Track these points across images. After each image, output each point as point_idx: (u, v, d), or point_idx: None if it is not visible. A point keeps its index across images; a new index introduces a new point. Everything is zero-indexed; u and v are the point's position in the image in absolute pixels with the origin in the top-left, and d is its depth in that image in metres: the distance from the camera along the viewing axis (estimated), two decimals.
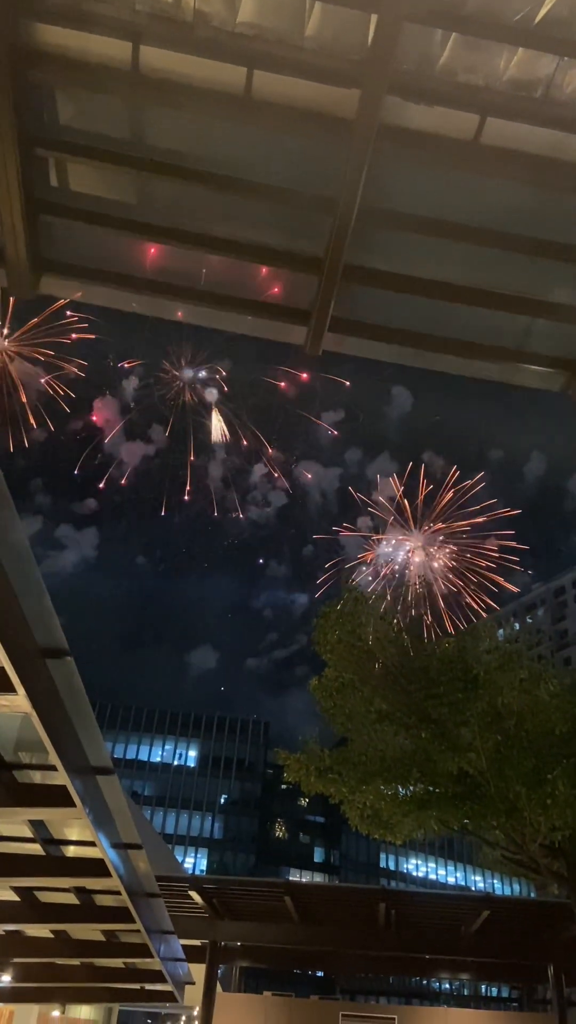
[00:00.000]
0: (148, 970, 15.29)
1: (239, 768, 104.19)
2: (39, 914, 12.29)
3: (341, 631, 18.16)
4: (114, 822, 8.95)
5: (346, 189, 5.57)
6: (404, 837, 17.80)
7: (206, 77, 5.38)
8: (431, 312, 6.65)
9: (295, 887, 20.66)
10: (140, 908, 11.34)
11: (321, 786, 17.80)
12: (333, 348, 6.57)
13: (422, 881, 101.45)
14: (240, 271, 6.51)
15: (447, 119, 5.43)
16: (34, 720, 6.12)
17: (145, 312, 6.80)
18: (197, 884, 19.81)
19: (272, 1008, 22.73)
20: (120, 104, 5.75)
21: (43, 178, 6.05)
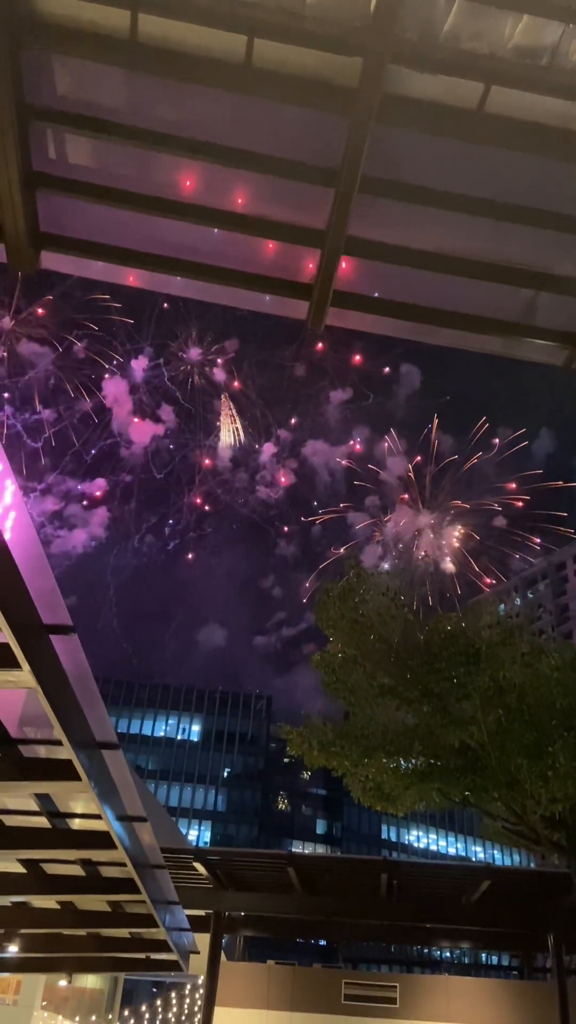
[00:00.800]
0: (153, 940, 15.49)
1: (242, 742, 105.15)
2: (45, 885, 12.43)
3: (343, 607, 18.24)
4: (119, 795, 9.03)
5: (348, 160, 5.51)
6: (406, 809, 17.98)
7: (206, 46, 5.29)
8: (434, 285, 6.59)
9: (298, 858, 20.88)
10: (145, 879, 11.48)
11: (324, 760, 17.96)
12: (336, 323, 6.52)
13: (423, 852, 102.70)
14: (242, 245, 6.45)
15: (451, 88, 5.35)
16: (39, 695, 6.15)
17: (146, 286, 6.75)
18: (201, 856, 20.03)
19: (275, 976, 23.05)
20: (119, 75, 5.65)
21: (42, 151, 5.98)
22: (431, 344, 7.64)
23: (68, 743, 6.89)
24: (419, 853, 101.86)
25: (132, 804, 9.41)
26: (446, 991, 22.92)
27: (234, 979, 22.26)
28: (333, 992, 22.47)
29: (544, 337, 6.66)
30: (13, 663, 5.69)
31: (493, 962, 52.01)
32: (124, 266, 6.53)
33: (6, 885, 12.44)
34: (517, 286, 6.39)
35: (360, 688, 18.63)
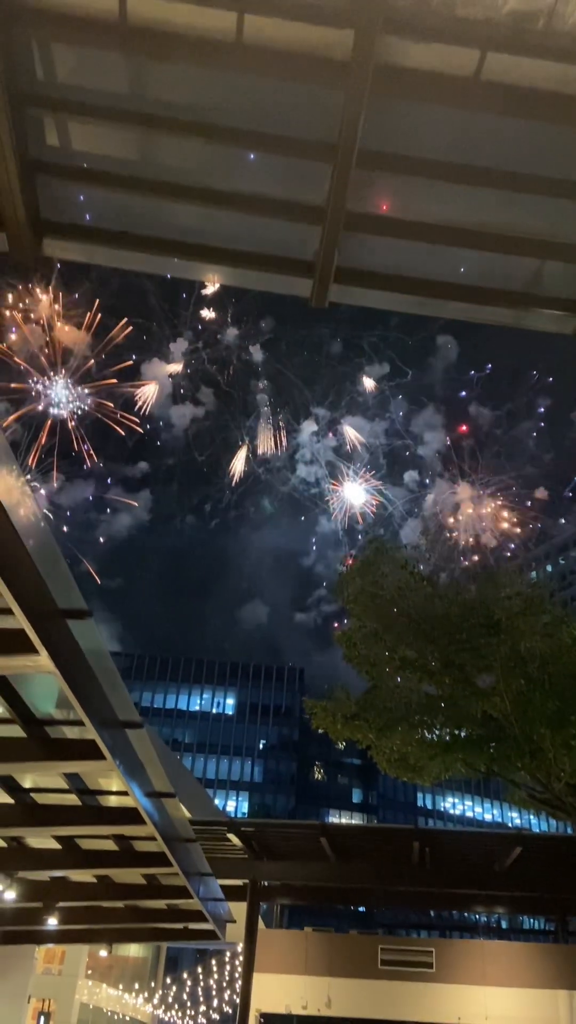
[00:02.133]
0: (189, 910, 15.85)
1: (276, 714, 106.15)
2: (81, 860, 12.78)
3: (363, 581, 18.26)
4: (145, 772, 9.22)
5: (344, 134, 5.43)
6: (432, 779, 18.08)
7: (196, 24, 5.23)
8: (438, 258, 6.51)
9: (329, 828, 21.14)
10: (177, 852, 11.72)
11: (348, 732, 18.10)
12: (340, 300, 6.48)
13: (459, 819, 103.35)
14: (243, 224, 6.41)
15: (446, 56, 5.24)
16: (58, 679, 6.28)
17: (148, 270, 6.76)
18: (235, 827, 20.36)
19: (312, 943, 23.45)
20: (111, 58, 5.61)
21: (38, 138, 5.97)
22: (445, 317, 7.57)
23: (90, 723, 7.03)
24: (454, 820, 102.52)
25: (159, 780, 9.59)
26: (482, 955, 23.17)
27: (272, 946, 22.70)
28: (370, 957, 22.84)
29: (552, 306, 6.56)
30: (31, 648, 5.81)
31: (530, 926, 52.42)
32: (126, 251, 6.53)
33: (43, 861, 12.79)
34: (522, 255, 6.29)
35: (382, 661, 18.67)
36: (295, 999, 21.88)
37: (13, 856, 12.48)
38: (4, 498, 4.77)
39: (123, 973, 35.96)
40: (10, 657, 6.13)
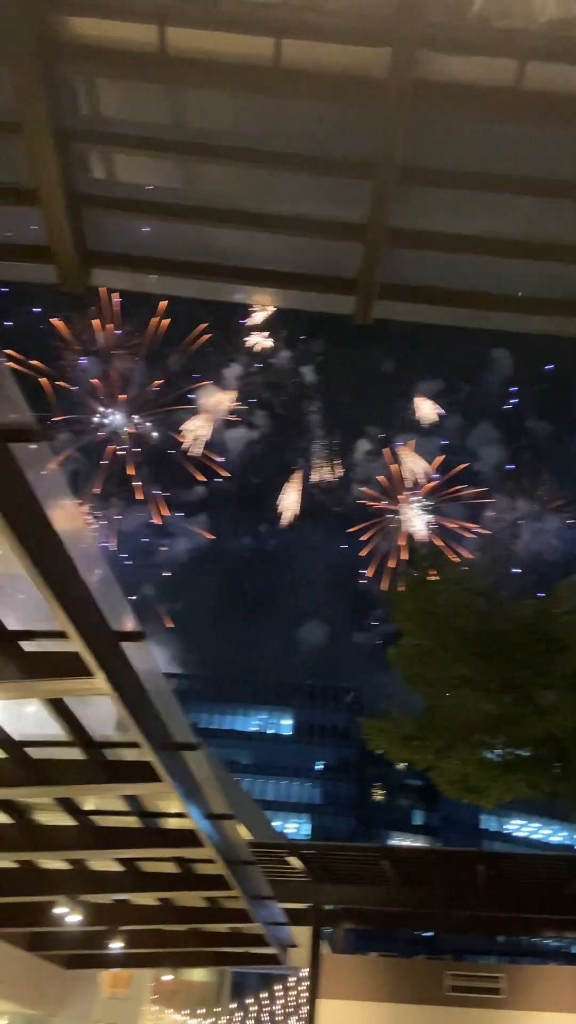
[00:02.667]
0: (251, 934, 15.72)
1: (334, 735, 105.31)
2: (143, 883, 12.78)
3: (417, 599, 18.05)
4: (203, 794, 9.20)
5: (384, 151, 5.46)
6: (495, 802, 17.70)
7: (234, 51, 5.32)
8: (484, 269, 6.47)
9: (391, 851, 20.86)
10: (237, 875, 11.66)
11: (407, 753, 17.82)
12: (384, 316, 6.48)
13: (525, 841, 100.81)
14: (284, 245, 6.48)
15: (484, 68, 5.23)
16: (114, 701, 6.33)
17: (195, 296, 6.85)
18: (295, 850, 20.18)
19: (378, 968, 23.07)
20: (152, 89, 5.74)
21: (84, 171, 6.12)
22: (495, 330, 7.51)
23: (147, 745, 7.07)
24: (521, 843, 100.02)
25: (217, 802, 9.57)
26: (554, 981, 22.49)
27: (337, 971, 22.37)
28: (436, 983, 22.33)
29: None
30: (86, 671, 5.87)
31: None
32: (172, 277, 6.64)
33: (106, 883, 12.84)
34: (568, 263, 6.21)
35: (439, 680, 18.37)
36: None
37: (76, 879, 12.55)
38: (57, 524, 4.85)
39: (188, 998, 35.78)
40: (67, 680, 6.21)
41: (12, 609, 6.08)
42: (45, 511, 4.71)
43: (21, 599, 6.06)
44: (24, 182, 5.89)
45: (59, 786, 8.47)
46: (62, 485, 4.85)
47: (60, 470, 4.80)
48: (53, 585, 4.97)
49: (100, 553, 5.44)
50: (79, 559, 5.20)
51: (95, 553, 5.38)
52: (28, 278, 6.63)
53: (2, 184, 6.01)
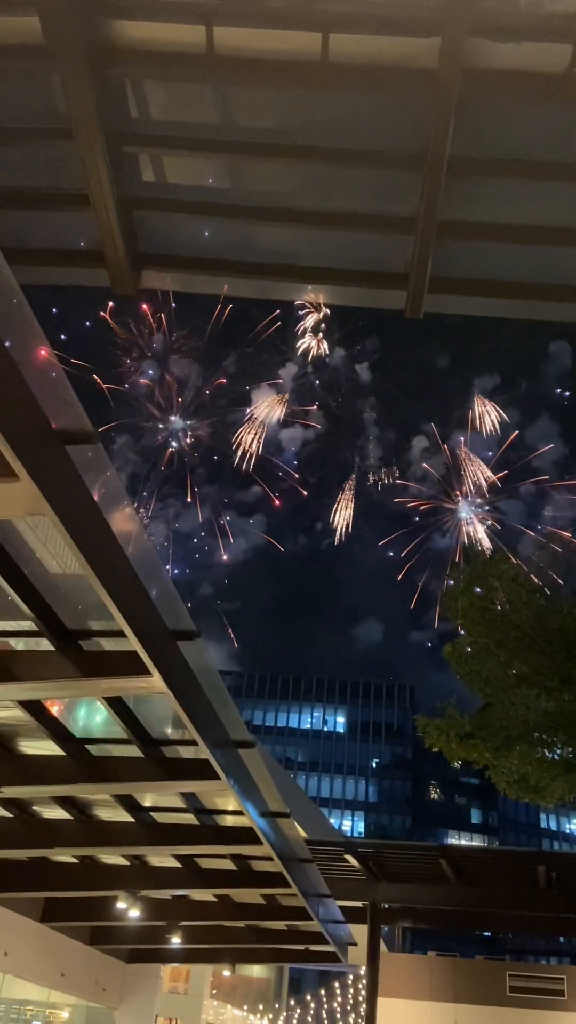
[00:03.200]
0: (309, 932, 15.73)
1: (388, 732, 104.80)
2: (201, 880, 12.88)
3: (471, 596, 17.76)
4: (259, 792, 9.22)
5: (434, 142, 5.39)
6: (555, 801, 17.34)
7: (281, 48, 5.31)
8: (537, 259, 6.35)
9: (450, 850, 20.66)
10: (294, 873, 11.67)
11: (463, 752, 17.56)
12: (435, 309, 6.40)
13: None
14: (334, 241, 6.44)
15: (535, 54, 5.13)
16: (170, 700, 6.37)
17: (243, 295, 6.85)
18: (352, 848, 20.12)
19: (437, 968, 22.88)
20: (201, 90, 5.76)
21: (134, 174, 6.17)
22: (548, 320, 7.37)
23: (203, 743, 7.10)
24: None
25: (273, 800, 9.58)
26: None
27: (396, 970, 22.25)
28: (497, 984, 22.07)
29: None
30: (144, 670, 5.92)
31: None
32: (221, 277, 6.65)
33: (165, 879, 12.98)
34: None
35: (496, 678, 18.04)
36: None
37: (136, 874, 12.71)
38: (114, 526, 4.91)
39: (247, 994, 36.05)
40: (125, 679, 6.27)
41: (70, 609, 6.16)
42: (102, 513, 4.77)
43: (79, 599, 6.15)
44: (75, 187, 5.96)
45: (118, 783, 8.58)
46: (119, 487, 4.89)
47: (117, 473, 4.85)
48: (110, 586, 5.03)
49: (156, 554, 5.48)
50: (135, 560, 5.24)
51: (151, 554, 5.42)
52: (80, 282, 6.71)
53: (54, 190, 6.09)
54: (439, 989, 22.20)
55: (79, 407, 4.25)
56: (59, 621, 6.06)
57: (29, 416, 4.06)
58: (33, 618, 5.67)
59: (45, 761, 8.27)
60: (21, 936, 13.75)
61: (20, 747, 8.34)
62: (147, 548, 5.36)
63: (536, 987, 22.14)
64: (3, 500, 4.24)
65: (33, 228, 6.23)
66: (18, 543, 5.46)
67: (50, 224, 6.35)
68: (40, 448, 4.14)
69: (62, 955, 15.35)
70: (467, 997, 22.06)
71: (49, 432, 4.21)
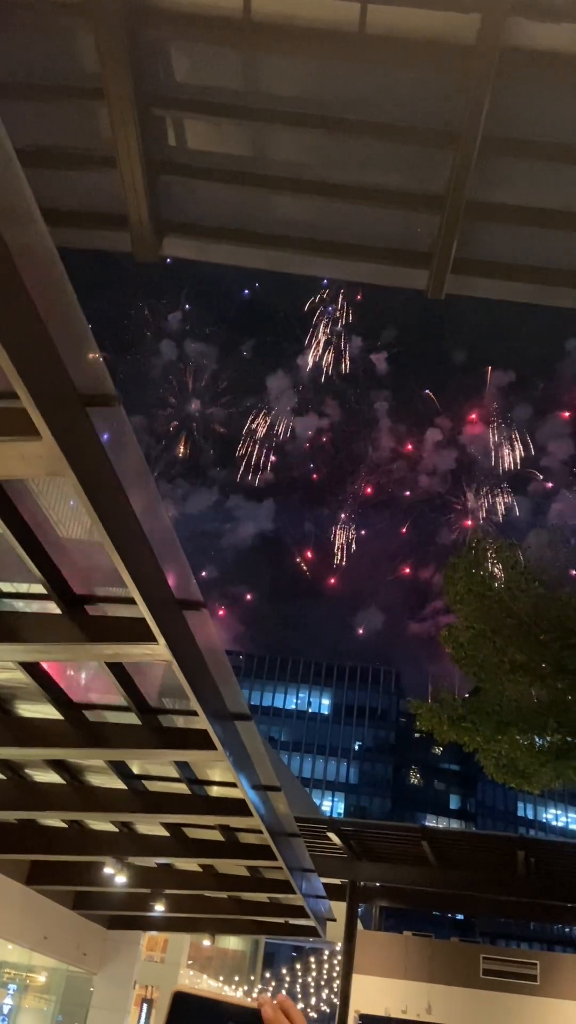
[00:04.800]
0: (291, 905, 15.93)
1: (372, 716, 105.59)
2: (188, 849, 13.02)
3: (470, 581, 17.90)
4: (253, 765, 9.31)
5: (467, 120, 5.34)
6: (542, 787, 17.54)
7: (319, 17, 5.24)
8: (562, 245, 6.31)
9: (432, 832, 20.86)
10: (281, 846, 11.80)
11: (454, 735, 17.78)
12: (456, 291, 6.36)
13: (561, 831, 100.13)
14: (358, 216, 6.39)
15: (574, 36, 5.07)
16: (175, 668, 6.41)
17: (265, 267, 6.80)
18: (335, 826, 20.33)
19: (412, 947, 23.20)
20: (233, 55, 5.68)
21: (161, 137, 6.10)
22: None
23: (203, 713, 7.15)
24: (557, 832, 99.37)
25: (266, 774, 9.67)
26: None
27: (371, 948, 22.56)
28: (471, 966, 22.40)
29: None
30: (150, 637, 5.95)
31: None
32: (243, 247, 6.60)
33: (151, 847, 13.10)
34: None
35: (490, 664, 18.22)
36: (395, 1003, 21.69)
37: (123, 841, 12.84)
38: (132, 493, 4.91)
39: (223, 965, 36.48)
40: (130, 645, 6.30)
41: (78, 573, 6.17)
42: (120, 478, 4.76)
43: (88, 564, 6.15)
44: (102, 148, 5.90)
45: (115, 749, 8.64)
46: (138, 455, 4.89)
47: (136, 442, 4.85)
48: (123, 551, 5.03)
49: (170, 522, 5.48)
50: (149, 527, 5.25)
51: (165, 522, 5.43)
52: (101, 246, 6.65)
53: (80, 150, 6.02)
54: (414, 969, 22.53)
55: (103, 368, 4.23)
56: (67, 585, 6.07)
57: (53, 374, 4.04)
58: (43, 580, 5.68)
59: (42, 724, 8.32)
60: (6, 897, 13.87)
61: (18, 710, 8.39)
62: (161, 515, 5.36)
63: (509, 971, 22.50)
64: (25, 458, 4.23)
65: (58, 188, 6.16)
66: (31, 505, 5.46)
67: (75, 185, 6.28)
68: (63, 408, 4.13)
69: (45, 918, 15.50)
70: (441, 978, 22.39)
71: (72, 392, 4.20)
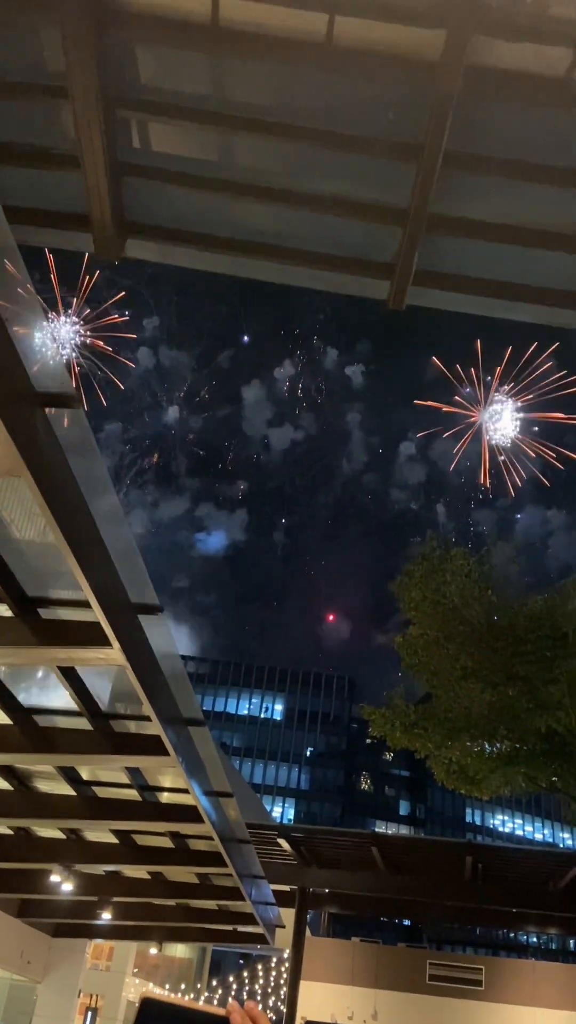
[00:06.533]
0: (240, 912, 15.87)
1: (324, 722, 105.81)
2: (137, 856, 12.88)
3: (425, 589, 18.12)
4: (205, 771, 9.26)
5: (431, 135, 5.41)
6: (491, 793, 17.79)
7: (287, 26, 5.26)
8: (523, 260, 6.43)
9: (382, 838, 20.98)
10: (231, 853, 11.75)
11: (407, 741, 17.95)
12: (417, 302, 6.44)
13: (508, 837, 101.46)
14: (321, 225, 6.43)
15: (537, 55, 5.18)
16: (128, 673, 6.35)
17: (228, 272, 6.80)
18: (285, 832, 20.32)
19: (360, 954, 23.28)
20: (201, 60, 5.68)
21: (126, 139, 6.07)
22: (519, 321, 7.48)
23: (156, 719, 7.10)
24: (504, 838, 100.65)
25: (218, 780, 9.63)
26: (532, 975, 22.72)
27: (319, 954, 22.58)
28: (418, 972, 22.56)
29: None
30: (105, 642, 5.89)
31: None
32: (206, 252, 6.60)
33: (100, 854, 12.94)
34: None
35: (443, 670, 18.46)
36: (341, 1009, 21.74)
37: (72, 848, 12.65)
38: (89, 495, 4.86)
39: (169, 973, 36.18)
40: (83, 649, 6.23)
41: (31, 575, 6.09)
42: (77, 480, 4.72)
43: (41, 566, 6.07)
44: (66, 148, 5.85)
45: (65, 754, 8.52)
46: (97, 456, 4.84)
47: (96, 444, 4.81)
48: (79, 554, 4.98)
49: (127, 525, 5.44)
50: (106, 530, 5.21)
51: (122, 525, 5.38)
52: (63, 245, 6.59)
53: (44, 148, 5.96)
54: (361, 974, 22.61)
55: (62, 369, 4.19)
56: (19, 587, 5.98)
57: (11, 374, 3.99)
58: None
59: None
60: None
61: None
62: (119, 518, 5.32)
63: (455, 976, 22.71)
64: None
65: (19, 185, 6.09)
66: None
67: (37, 183, 6.22)
68: (20, 406, 4.08)
69: None
70: (388, 983, 22.51)
71: (31, 392, 4.15)
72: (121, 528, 5.40)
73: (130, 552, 5.66)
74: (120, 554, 5.52)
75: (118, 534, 5.41)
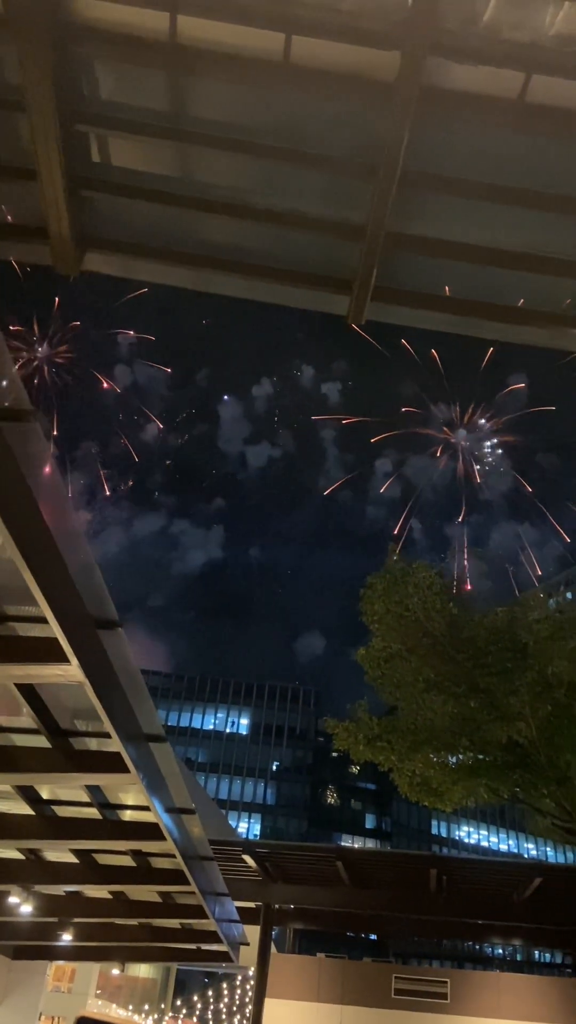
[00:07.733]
0: (204, 931, 15.70)
1: (290, 736, 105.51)
2: (98, 875, 12.70)
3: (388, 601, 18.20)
4: (167, 788, 9.18)
5: (387, 155, 5.48)
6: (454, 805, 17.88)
7: (244, 45, 5.31)
8: (478, 278, 6.53)
9: (346, 852, 20.93)
10: (194, 871, 11.63)
11: (370, 754, 17.97)
12: (376, 317, 6.51)
13: (473, 848, 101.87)
14: (281, 241, 6.48)
15: (491, 78, 5.28)
16: (87, 689, 6.28)
17: (187, 286, 6.82)
18: (250, 848, 20.17)
19: (325, 969, 23.12)
20: (159, 76, 5.71)
21: (84, 153, 6.07)
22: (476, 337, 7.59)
23: (116, 736, 7.02)
24: (469, 849, 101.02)
25: (180, 796, 9.55)
26: (497, 987, 22.74)
27: (284, 971, 22.39)
28: (383, 986, 22.47)
29: None
30: (63, 658, 5.82)
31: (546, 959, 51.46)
32: (166, 266, 6.60)
33: (60, 874, 12.74)
34: (562, 277, 6.29)
35: (406, 683, 18.53)
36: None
37: (30, 869, 12.43)
38: (46, 510, 4.81)
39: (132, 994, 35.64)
40: (40, 666, 6.15)
41: None
42: (34, 495, 4.67)
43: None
44: (23, 161, 5.83)
45: (22, 773, 8.39)
46: (54, 471, 4.80)
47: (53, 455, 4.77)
48: (35, 569, 4.92)
49: (85, 539, 5.39)
50: (63, 544, 5.16)
51: (80, 539, 5.34)
52: (21, 257, 6.56)
53: (1, 161, 5.93)
54: (326, 990, 22.46)
55: (19, 383, 4.15)
56: None
57: None
58: None
59: None
60: None
61: None
62: (76, 532, 5.27)
63: (420, 990, 22.66)
64: None
65: None
66: None
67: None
68: None
69: None
70: (353, 999, 22.39)
71: None
72: (79, 542, 5.36)
73: (88, 567, 5.61)
74: (78, 569, 5.47)
75: (76, 548, 5.36)
